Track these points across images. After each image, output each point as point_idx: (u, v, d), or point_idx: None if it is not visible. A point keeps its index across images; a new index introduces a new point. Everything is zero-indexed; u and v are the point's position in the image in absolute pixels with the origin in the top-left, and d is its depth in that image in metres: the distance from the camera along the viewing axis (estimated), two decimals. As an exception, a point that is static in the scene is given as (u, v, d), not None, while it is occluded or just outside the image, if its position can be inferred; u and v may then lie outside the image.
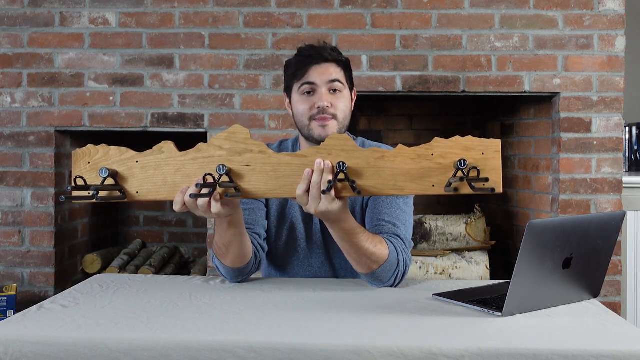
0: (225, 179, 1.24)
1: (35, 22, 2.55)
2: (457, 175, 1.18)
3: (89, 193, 1.26)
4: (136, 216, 3.26)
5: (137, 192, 1.28)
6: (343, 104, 1.52)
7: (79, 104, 2.54)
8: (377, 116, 3.14)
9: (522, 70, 2.49)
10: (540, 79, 2.49)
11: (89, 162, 1.28)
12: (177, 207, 1.24)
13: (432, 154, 1.21)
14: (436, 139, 1.22)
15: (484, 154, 1.20)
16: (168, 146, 1.27)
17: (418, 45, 2.50)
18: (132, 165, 1.28)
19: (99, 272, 2.74)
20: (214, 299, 1.32)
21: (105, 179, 1.25)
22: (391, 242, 1.44)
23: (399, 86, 2.50)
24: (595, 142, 2.49)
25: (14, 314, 2.24)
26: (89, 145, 1.29)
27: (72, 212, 2.74)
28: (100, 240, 3.04)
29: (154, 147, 1.28)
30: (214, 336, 1.06)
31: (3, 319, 1.20)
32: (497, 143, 1.20)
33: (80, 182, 1.25)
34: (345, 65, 1.56)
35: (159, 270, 2.83)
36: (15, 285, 2.44)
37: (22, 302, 2.43)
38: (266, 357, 1.01)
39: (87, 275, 2.72)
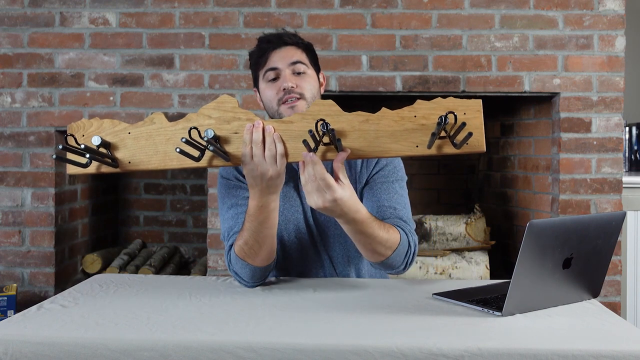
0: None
1: (36, 22, 2.55)
2: (440, 132, 1.19)
3: (83, 161, 1.27)
4: (136, 216, 3.26)
5: (130, 162, 1.30)
6: (309, 84, 1.51)
7: (79, 104, 2.54)
8: (377, 116, 3.13)
9: (522, 70, 2.49)
10: (540, 79, 2.49)
11: (83, 135, 1.30)
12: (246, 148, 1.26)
13: (415, 116, 1.23)
14: (419, 101, 1.24)
15: (466, 114, 1.21)
16: (159, 117, 1.30)
17: (418, 45, 2.50)
18: (125, 137, 1.30)
19: (99, 272, 2.74)
20: (214, 299, 1.32)
21: (98, 146, 1.26)
22: (399, 226, 1.44)
23: (399, 86, 2.50)
24: (595, 142, 2.49)
25: (14, 314, 2.24)
26: (83, 119, 1.31)
27: (72, 212, 2.74)
28: (100, 240, 3.04)
29: (145, 119, 1.30)
30: (214, 336, 1.06)
31: (3, 319, 1.20)
32: (478, 102, 1.22)
33: (71, 140, 1.27)
34: (307, 48, 1.56)
35: (159, 270, 2.83)
36: (15, 285, 2.44)
37: (22, 302, 2.43)
38: (266, 357, 1.01)
39: (87, 275, 2.72)
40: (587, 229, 1.20)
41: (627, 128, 3.01)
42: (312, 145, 1.22)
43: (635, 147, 3.01)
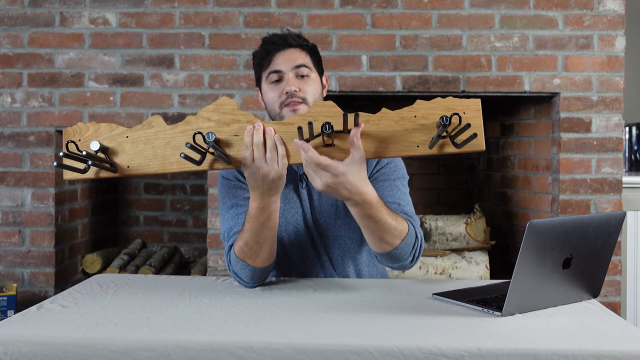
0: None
1: (36, 22, 2.55)
2: (441, 132, 1.19)
3: (82, 167, 1.26)
4: (136, 216, 3.26)
5: (128, 167, 1.29)
6: (312, 88, 1.51)
7: (79, 104, 2.54)
8: (377, 116, 3.13)
9: (522, 70, 2.49)
10: (540, 79, 2.49)
11: (80, 140, 1.29)
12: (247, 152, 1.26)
13: (415, 116, 1.23)
14: (418, 101, 1.24)
15: (466, 113, 1.22)
16: (157, 120, 1.29)
17: (418, 45, 2.50)
18: (123, 141, 1.29)
19: (99, 272, 2.74)
20: (214, 299, 1.32)
21: (96, 152, 1.25)
22: (405, 219, 1.43)
23: (399, 86, 2.50)
24: (595, 142, 2.49)
25: (14, 314, 2.24)
26: (79, 123, 1.31)
27: (72, 212, 2.74)
28: (100, 240, 3.04)
29: (143, 122, 1.30)
30: (214, 336, 1.06)
31: (3, 319, 1.20)
32: (477, 102, 1.23)
33: (72, 147, 1.26)
34: (311, 50, 1.56)
35: (159, 270, 2.83)
36: (15, 285, 2.44)
37: (22, 302, 2.44)
38: (266, 357, 1.01)
39: (87, 275, 2.72)
40: (587, 229, 1.20)
41: (627, 128, 3.01)
42: (307, 135, 1.22)
43: (635, 147, 3.01)
